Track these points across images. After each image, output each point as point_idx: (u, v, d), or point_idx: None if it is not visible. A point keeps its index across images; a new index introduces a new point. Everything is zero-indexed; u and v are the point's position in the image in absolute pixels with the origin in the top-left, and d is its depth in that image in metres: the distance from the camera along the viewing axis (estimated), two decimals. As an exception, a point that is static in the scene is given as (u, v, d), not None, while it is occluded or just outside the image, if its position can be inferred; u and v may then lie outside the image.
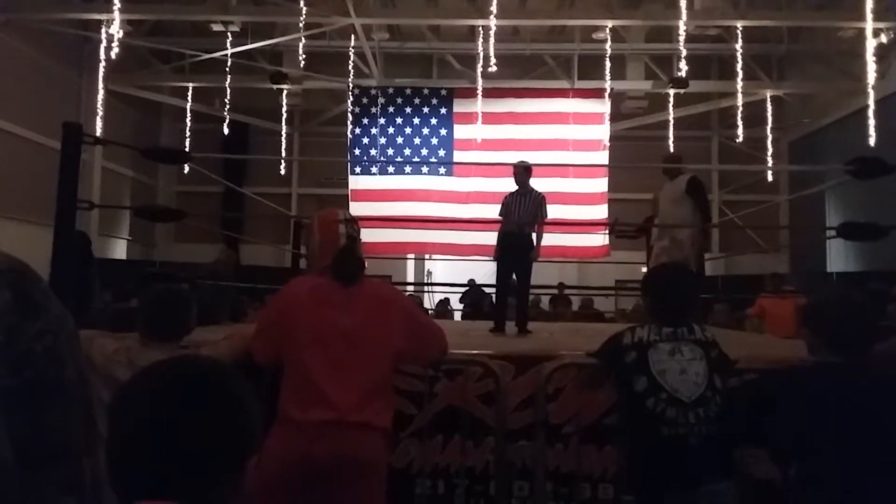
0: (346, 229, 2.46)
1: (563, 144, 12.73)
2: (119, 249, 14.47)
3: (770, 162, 13.89)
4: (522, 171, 5.99)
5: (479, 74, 11.87)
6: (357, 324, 2.29)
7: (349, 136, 13.24)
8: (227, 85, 13.27)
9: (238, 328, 3.58)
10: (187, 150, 12.60)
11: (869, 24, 9.74)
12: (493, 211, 6.36)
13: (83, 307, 5.05)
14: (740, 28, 11.53)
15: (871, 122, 10.70)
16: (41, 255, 3.32)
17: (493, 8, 9.88)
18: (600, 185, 12.67)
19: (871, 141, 10.63)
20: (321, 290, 2.35)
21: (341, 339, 2.26)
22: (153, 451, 0.93)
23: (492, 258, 6.02)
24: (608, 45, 12.56)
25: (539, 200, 5.88)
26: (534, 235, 5.81)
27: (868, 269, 10.81)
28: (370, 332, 2.31)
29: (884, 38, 10.66)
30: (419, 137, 13.04)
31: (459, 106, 12.93)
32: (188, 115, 14.35)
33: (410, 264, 15.10)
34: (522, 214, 5.76)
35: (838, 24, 11.24)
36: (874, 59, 10.13)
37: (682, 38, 10.39)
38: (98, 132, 11.04)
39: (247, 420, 1.00)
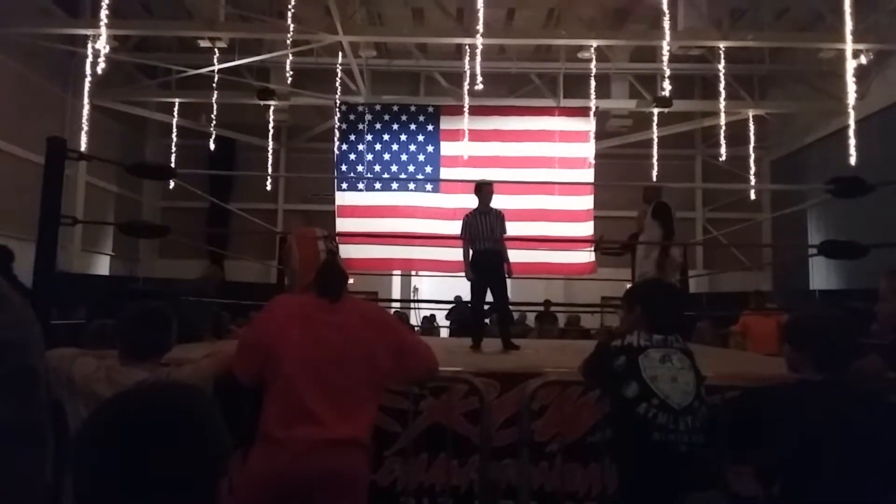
0: (325, 245, 2.47)
1: (549, 162, 12.82)
2: (102, 265, 14.33)
3: (752, 180, 14.04)
4: (489, 190, 6.11)
5: (465, 92, 11.94)
6: (344, 341, 2.27)
7: (336, 152, 13.24)
8: (213, 101, 13.26)
9: (221, 345, 3.54)
10: (173, 165, 12.56)
11: (849, 46, 9.91)
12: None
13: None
14: (723, 49, 11.70)
15: (852, 141, 10.86)
16: (28, 271, 3.31)
17: (480, 27, 9.96)
18: (586, 202, 12.75)
19: (852, 160, 10.78)
20: (307, 307, 2.33)
21: (329, 356, 2.24)
22: (119, 482, 0.92)
23: (469, 277, 6.04)
24: (593, 65, 12.70)
25: (502, 217, 6.07)
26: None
27: (849, 286, 10.92)
28: (357, 349, 2.28)
29: (863, 59, 10.84)
30: (406, 154, 13.08)
31: (446, 123, 13.00)
32: (174, 130, 14.32)
33: (397, 280, 15.08)
34: (490, 232, 5.89)
35: (819, 45, 11.43)
36: (854, 79, 10.30)
37: (665, 58, 10.52)
38: (83, 147, 10.98)
39: (215, 448, 0.99)
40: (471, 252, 5.97)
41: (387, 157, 13.08)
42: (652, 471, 2.20)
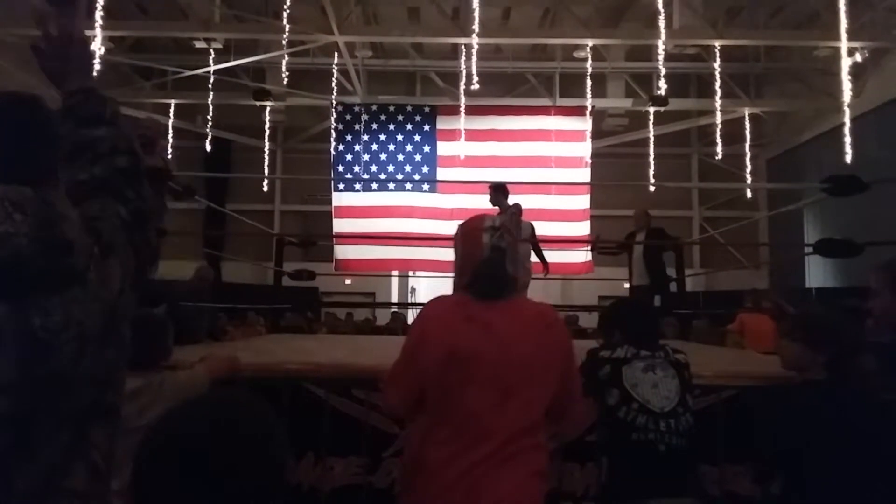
0: (490, 239, 2.09)
1: (546, 161, 12.81)
2: (99, 267, 14.27)
3: (749, 179, 14.06)
4: (504, 192, 6.15)
5: (461, 92, 11.94)
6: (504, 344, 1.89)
7: (332, 152, 13.22)
8: (209, 102, 13.23)
9: (215, 348, 3.53)
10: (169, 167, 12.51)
11: (844, 44, 9.93)
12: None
13: None
14: (718, 47, 11.71)
15: (847, 139, 10.88)
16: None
17: (476, 26, 9.96)
18: (582, 201, 12.75)
19: (848, 158, 10.80)
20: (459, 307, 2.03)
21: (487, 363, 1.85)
22: (181, 495, 0.91)
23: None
24: (589, 64, 12.69)
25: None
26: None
27: (845, 284, 10.94)
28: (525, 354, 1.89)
29: (858, 57, 10.86)
30: (402, 154, 13.07)
31: (442, 123, 12.99)
32: (170, 131, 14.28)
33: (394, 281, 15.06)
34: None
35: (814, 43, 11.45)
36: (849, 77, 10.32)
37: (661, 57, 10.54)
38: (78, 149, 10.91)
39: (276, 462, 0.98)
40: None
41: (383, 157, 13.07)
42: (629, 469, 2.22)
